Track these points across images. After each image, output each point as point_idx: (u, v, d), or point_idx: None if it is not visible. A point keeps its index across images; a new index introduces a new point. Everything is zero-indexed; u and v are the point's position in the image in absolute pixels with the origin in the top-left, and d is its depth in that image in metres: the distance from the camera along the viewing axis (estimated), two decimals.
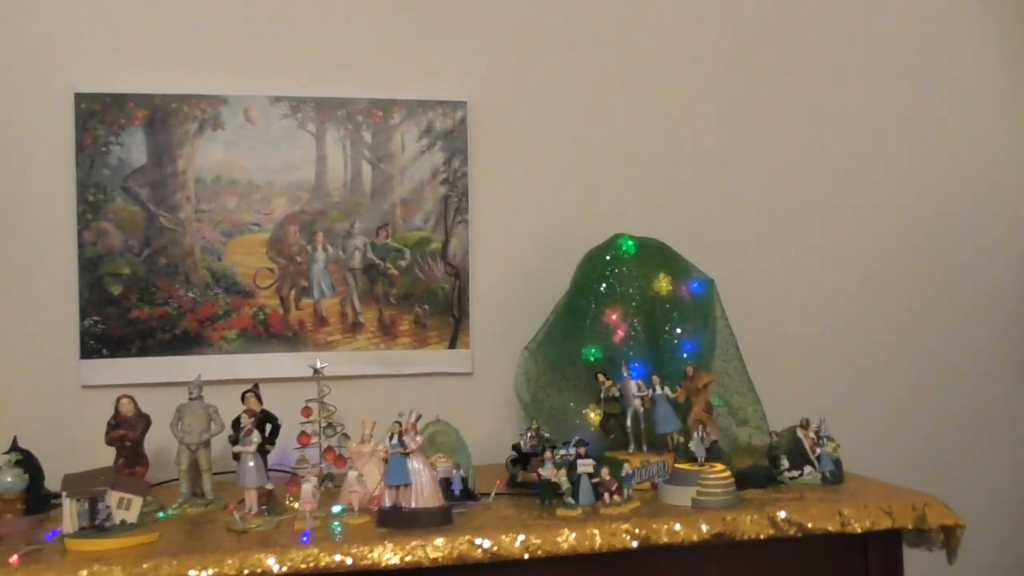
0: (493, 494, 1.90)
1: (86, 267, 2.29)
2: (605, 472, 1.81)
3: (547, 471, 1.82)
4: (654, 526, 1.69)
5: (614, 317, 2.20)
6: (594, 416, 2.18)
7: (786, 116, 2.65)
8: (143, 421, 1.95)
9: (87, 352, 2.29)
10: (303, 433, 2.02)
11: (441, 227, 2.46)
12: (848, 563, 1.80)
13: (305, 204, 2.39)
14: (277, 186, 2.39)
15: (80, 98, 2.29)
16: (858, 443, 2.36)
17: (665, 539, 1.67)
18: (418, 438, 1.73)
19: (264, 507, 1.75)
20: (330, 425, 2.02)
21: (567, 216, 2.49)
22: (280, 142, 2.38)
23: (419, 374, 2.41)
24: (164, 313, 2.32)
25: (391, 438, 1.73)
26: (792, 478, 2.03)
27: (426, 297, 2.44)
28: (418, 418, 1.73)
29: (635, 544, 1.67)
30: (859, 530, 1.75)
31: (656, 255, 2.27)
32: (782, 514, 1.75)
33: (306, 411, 2.04)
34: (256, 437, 1.74)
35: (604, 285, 2.23)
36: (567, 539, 1.64)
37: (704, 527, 1.70)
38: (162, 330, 2.32)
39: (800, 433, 2.06)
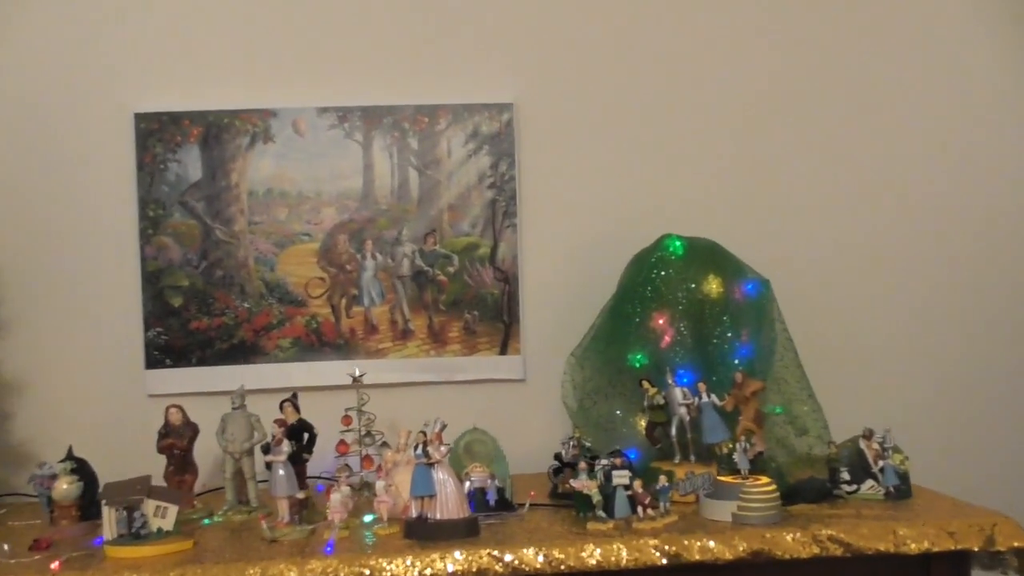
0: (527, 505, 1.87)
1: (148, 280, 2.38)
2: (638, 484, 1.75)
3: (579, 483, 1.77)
4: (686, 542, 1.62)
5: (661, 321, 2.13)
6: (642, 425, 2.12)
7: (847, 110, 2.51)
8: (191, 430, 2.00)
9: (151, 362, 2.37)
10: (342, 442, 2.04)
11: (489, 232, 2.44)
12: None
13: (353, 213, 2.42)
14: (326, 196, 2.42)
15: (139, 118, 2.38)
16: (930, 456, 2.21)
17: (697, 556, 1.60)
18: (443, 448, 1.71)
19: (296, 516, 1.75)
20: (369, 433, 2.02)
21: (618, 217, 2.43)
22: (328, 152, 2.41)
23: (469, 381, 2.40)
24: (222, 323, 2.39)
25: (416, 448, 1.71)
26: (850, 492, 1.91)
27: (475, 303, 2.42)
28: (443, 428, 1.71)
29: (664, 561, 1.60)
30: (915, 551, 1.64)
31: (706, 256, 2.18)
32: (828, 532, 1.65)
33: (346, 420, 2.06)
34: (287, 446, 1.75)
35: (650, 288, 2.16)
36: (592, 554, 1.60)
37: (741, 545, 1.62)
38: (220, 340, 2.39)
39: (863, 444, 1.95)
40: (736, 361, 2.10)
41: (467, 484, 1.86)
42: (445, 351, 2.41)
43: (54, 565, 1.56)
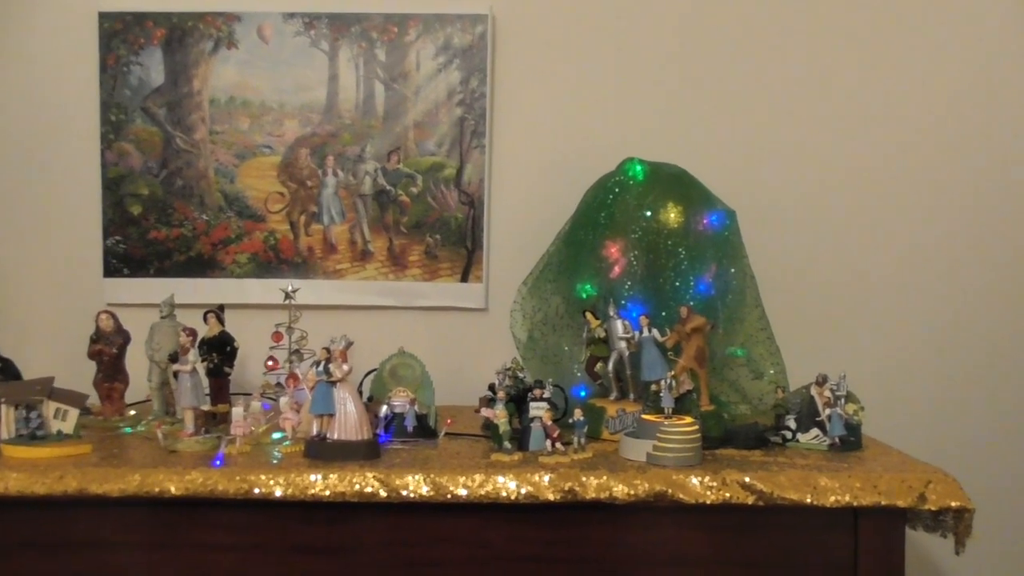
0: (442, 434, 1.83)
1: (108, 187, 2.37)
2: (547, 416, 1.67)
3: (489, 412, 1.71)
4: (584, 479, 1.54)
5: (613, 250, 2.02)
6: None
7: (833, 33, 2.34)
8: (122, 337, 1.99)
9: (110, 271, 2.38)
10: (271, 358, 2.00)
11: (456, 152, 2.36)
12: (830, 543, 1.57)
13: (316, 126, 2.36)
14: (289, 107, 2.36)
15: (104, 17, 2.35)
16: (897, 411, 2.11)
17: (592, 495, 1.53)
18: (345, 366, 1.66)
19: (202, 428, 1.73)
20: (297, 351, 1.98)
21: (592, 142, 2.32)
22: (292, 61, 2.35)
23: (429, 308, 2.35)
24: (180, 235, 2.37)
25: (318, 365, 1.66)
26: (789, 440, 1.79)
27: (438, 227, 2.36)
28: (348, 345, 1.66)
29: (555, 497, 1.53)
30: (833, 504, 1.53)
31: (669, 183, 2.05)
32: (741, 478, 1.54)
33: (276, 336, 2.02)
34: (193, 356, 1.72)
35: (605, 214, 2.04)
36: (481, 485, 1.53)
37: (643, 485, 1.54)
38: (178, 251, 2.37)
39: (814, 391, 1.82)
40: (695, 296, 1.99)
41: (385, 408, 1.83)
42: (405, 275, 2.36)
43: None
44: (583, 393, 2.03)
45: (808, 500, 1.52)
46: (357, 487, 1.53)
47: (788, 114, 2.36)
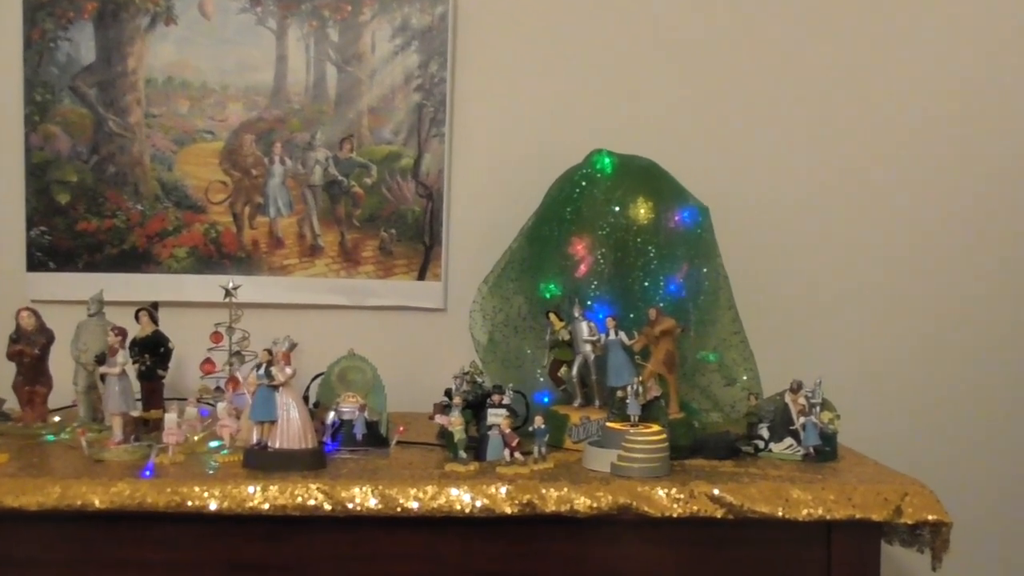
0: (394, 442, 1.81)
1: (33, 173, 2.33)
2: (505, 424, 1.67)
3: (443, 418, 1.71)
4: (543, 491, 1.54)
5: (579, 248, 2.03)
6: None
7: (814, 23, 2.38)
8: (45, 336, 1.96)
9: (34, 264, 2.34)
10: (208, 360, 1.99)
11: (414, 141, 2.35)
12: (802, 558, 1.59)
13: (263, 111, 2.34)
14: (232, 89, 2.33)
15: None
16: (873, 417, 2.15)
17: (552, 508, 1.53)
18: (288, 369, 1.65)
19: (132, 436, 1.71)
20: (238, 353, 1.97)
21: (559, 132, 2.32)
22: (237, 39, 2.33)
23: (383, 307, 2.34)
24: (112, 226, 2.34)
25: (259, 368, 1.65)
26: (761, 450, 1.81)
27: (394, 220, 2.35)
28: (292, 347, 1.65)
29: (513, 510, 1.53)
30: (805, 518, 1.55)
31: (639, 177, 2.07)
32: (710, 490, 1.56)
33: (215, 337, 2.01)
34: (122, 358, 1.70)
35: (571, 209, 2.05)
36: (434, 498, 1.53)
37: (606, 498, 1.54)
38: (110, 244, 2.34)
39: (788, 398, 1.84)
40: (664, 297, 2.01)
41: (332, 415, 1.82)
42: (357, 272, 2.35)
43: None
44: (546, 399, 2.04)
45: (780, 513, 1.53)
46: (300, 500, 1.52)
47: (766, 106, 2.39)
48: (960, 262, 2.43)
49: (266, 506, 1.52)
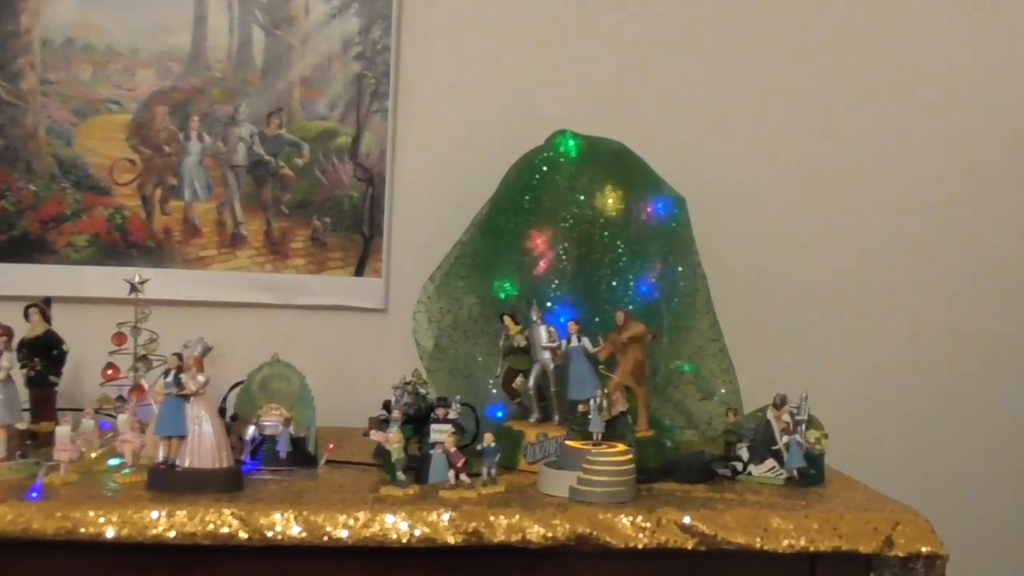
0: (323, 462, 1.80)
1: None
2: (450, 442, 1.66)
3: (379, 435, 1.69)
4: (491, 519, 1.53)
5: (538, 242, 2.04)
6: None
7: None
8: None
9: None
10: (109, 365, 1.96)
11: (352, 117, 2.34)
12: None
13: (178, 79, 2.30)
14: (143, 54, 2.30)
15: None
16: (863, 437, 2.20)
17: (502, 538, 1.52)
18: (201, 377, 1.63)
19: (18, 452, 1.68)
20: (144, 357, 1.94)
21: (519, 110, 2.32)
22: None
23: (314, 307, 2.33)
24: (1, 208, 2.29)
25: (167, 375, 1.64)
26: (739, 473, 1.82)
27: (328, 207, 2.33)
28: (206, 351, 1.63)
29: (456, 540, 1.52)
30: (786, 550, 1.55)
31: (608, 162, 2.08)
32: (681, 518, 1.56)
33: (118, 338, 1.98)
34: (7, 361, 1.67)
35: (529, 197, 2.06)
36: (367, 525, 1.51)
37: (562, 526, 1.53)
38: None
39: (771, 415, 1.84)
40: (633, 298, 2.02)
41: (251, 429, 1.80)
42: (285, 266, 2.33)
43: None
44: (499, 414, 2.04)
45: (758, 544, 1.54)
46: (211, 527, 1.50)
47: (752, 86, 2.40)
48: (965, 260, 2.46)
49: (172, 534, 1.49)
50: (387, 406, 1.92)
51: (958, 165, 2.45)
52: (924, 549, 1.56)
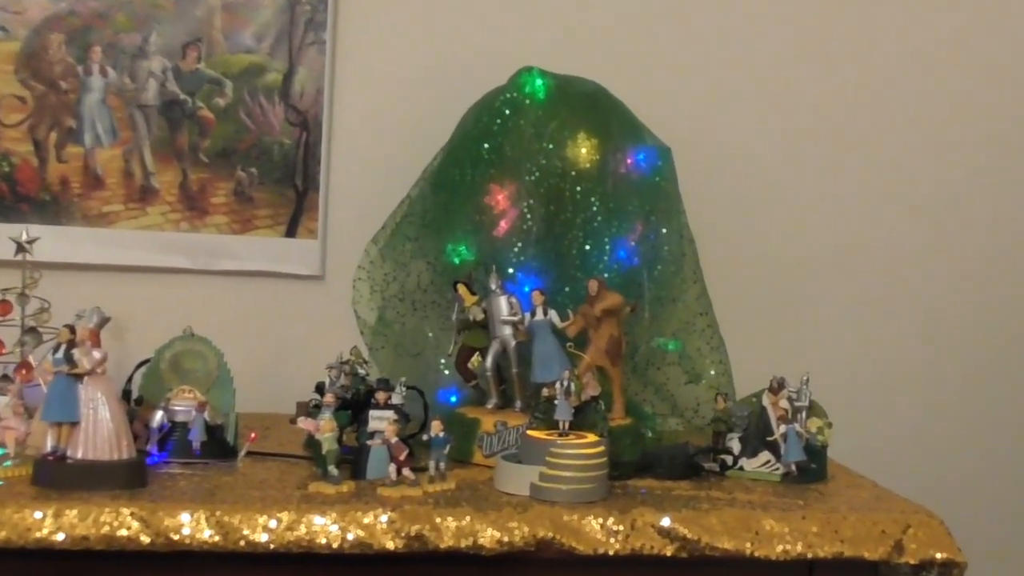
0: (243, 454, 1.79)
1: None
2: (391, 430, 1.65)
3: (308, 423, 1.67)
4: (438, 520, 1.52)
5: (499, 198, 2.03)
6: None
7: None
8: None
9: None
10: None
11: (283, 50, 2.32)
12: None
13: (76, 1, 2.27)
14: None
15: None
16: (872, 426, 2.20)
17: (450, 543, 1.50)
18: (97, 353, 1.60)
19: None
20: (33, 330, 1.92)
21: (479, 44, 2.33)
22: None
23: (238, 272, 2.32)
24: None
25: (56, 351, 1.61)
26: (729, 468, 1.83)
27: (255, 156, 2.32)
28: (102, 322, 1.62)
29: (396, 546, 1.50)
30: (781, 557, 1.56)
31: (582, 105, 2.07)
32: (659, 521, 1.56)
33: (3, 307, 1.98)
34: None
35: (489, 145, 2.05)
36: (284, 527, 1.49)
37: (520, 530, 1.52)
38: None
39: (767, 400, 1.85)
40: (611, 265, 2.02)
41: (159, 415, 1.79)
42: (204, 225, 2.32)
43: None
44: (453, 399, 2.04)
45: (748, 550, 1.54)
46: (107, 529, 1.47)
47: (750, 17, 2.41)
48: (996, 220, 2.48)
49: (60, 537, 1.47)
50: (320, 389, 1.92)
51: (986, 114, 2.47)
52: (939, 555, 1.57)
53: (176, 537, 1.49)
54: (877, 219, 2.43)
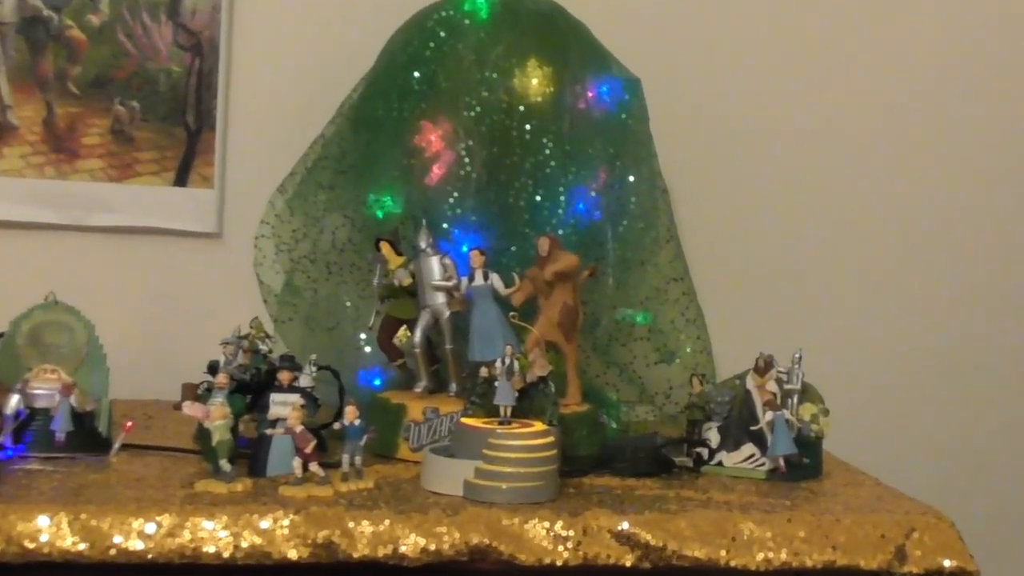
0: (116, 446, 1.79)
1: None
2: (294, 419, 1.65)
3: (195, 408, 1.67)
4: (351, 525, 1.53)
5: (432, 138, 2.04)
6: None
7: None
8: None
9: None
10: None
11: None
12: None
13: None
14: None
15: None
16: (873, 414, 2.24)
17: (365, 552, 1.51)
18: None
19: None
20: None
21: None
22: None
23: (116, 228, 2.34)
24: None
25: None
26: (704, 462, 1.85)
27: (137, 87, 2.33)
28: None
29: (298, 555, 1.51)
30: (762, 567, 1.57)
31: (534, 26, 2.09)
32: (619, 525, 1.57)
33: None
34: None
35: (420, 74, 2.07)
36: (164, 533, 1.49)
37: (450, 537, 1.53)
38: None
39: (752, 383, 1.87)
40: (565, 220, 2.04)
41: (15, 399, 1.78)
42: (75, 170, 2.33)
43: None
44: (377, 382, 2.06)
45: (723, 559, 1.55)
46: None
47: None
48: (1014, 190, 2.53)
49: None
50: (213, 369, 1.92)
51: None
52: (948, 563, 1.59)
53: (31, 545, 1.48)
54: (877, 176, 2.48)
